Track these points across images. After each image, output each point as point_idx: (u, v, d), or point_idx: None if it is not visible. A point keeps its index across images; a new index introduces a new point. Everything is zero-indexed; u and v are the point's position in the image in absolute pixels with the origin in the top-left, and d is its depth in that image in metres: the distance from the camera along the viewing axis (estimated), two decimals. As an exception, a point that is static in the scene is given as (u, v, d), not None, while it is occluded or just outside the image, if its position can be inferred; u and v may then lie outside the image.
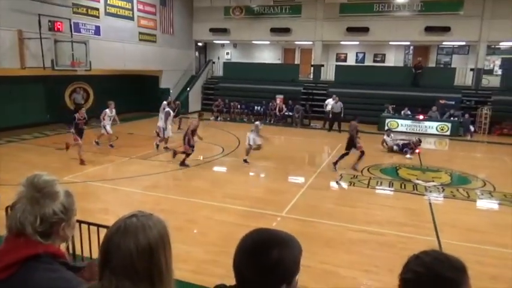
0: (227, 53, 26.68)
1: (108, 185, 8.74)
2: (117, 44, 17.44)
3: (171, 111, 12.75)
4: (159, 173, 9.78)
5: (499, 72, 19.75)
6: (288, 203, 7.72)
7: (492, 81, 19.37)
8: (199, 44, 24.95)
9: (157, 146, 12.06)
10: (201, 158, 11.33)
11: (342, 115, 16.77)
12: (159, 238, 1.16)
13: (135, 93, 20.10)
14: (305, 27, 21.57)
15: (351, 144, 10.31)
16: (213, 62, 25.09)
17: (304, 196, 8.27)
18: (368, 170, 10.44)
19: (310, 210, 7.45)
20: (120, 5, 17.79)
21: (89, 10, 16.08)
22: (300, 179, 9.72)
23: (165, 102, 13.32)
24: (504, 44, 20.21)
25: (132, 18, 18.61)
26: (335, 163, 10.32)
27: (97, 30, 16.44)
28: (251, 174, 10.31)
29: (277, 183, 9.39)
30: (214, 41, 24.91)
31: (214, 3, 21.82)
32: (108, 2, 17.02)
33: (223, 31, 23.05)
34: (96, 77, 17.32)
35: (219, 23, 23.05)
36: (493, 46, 20.19)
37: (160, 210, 1.20)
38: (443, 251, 4.70)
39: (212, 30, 23.17)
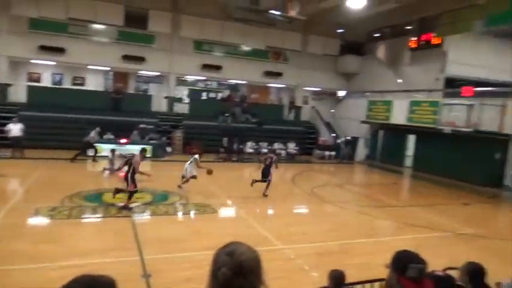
0: None
1: None
2: None
3: None
4: None
5: (187, 100, 23.13)
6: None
7: (182, 108, 22.43)
8: None
9: None
10: None
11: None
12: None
13: None
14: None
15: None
16: None
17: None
18: (70, 198, 9.68)
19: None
20: None
21: None
22: (-20, 221, 7.83)
23: None
24: (189, 77, 23.91)
25: None
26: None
27: None
28: None
29: None
30: None
31: None
32: None
33: None
34: None
35: None
36: (181, 78, 23.46)
37: None
38: (146, 267, 4.75)
39: None
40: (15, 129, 15.25)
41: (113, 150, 14.44)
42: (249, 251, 1.40)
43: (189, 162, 12.05)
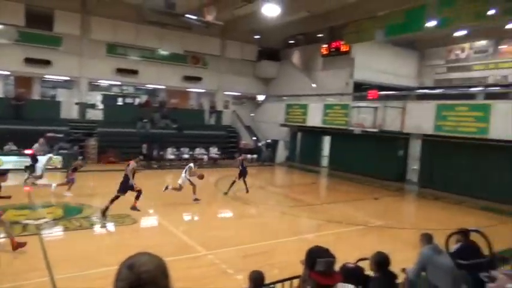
0: None
1: None
2: None
3: None
4: None
5: (101, 106, 21.76)
6: None
7: (96, 115, 21.04)
8: None
9: None
10: None
11: None
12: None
13: None
14: None
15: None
16: None
17: None
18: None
19: None
20: None
21: None
22: None
23: None
24: (102, 82, 22.57)
25: None
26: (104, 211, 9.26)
27: None
28: None
29: None
30: None
31: None
32: None
33: None
34: None
35: None
36: (93, 83, 22.05)
37: None
38: None
39: None
40: None
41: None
42: (150, 262, 1.33)
43: (184, 171, 11.66)
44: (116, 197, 9.55)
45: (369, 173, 17.49)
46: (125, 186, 9.79)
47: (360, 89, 19.62)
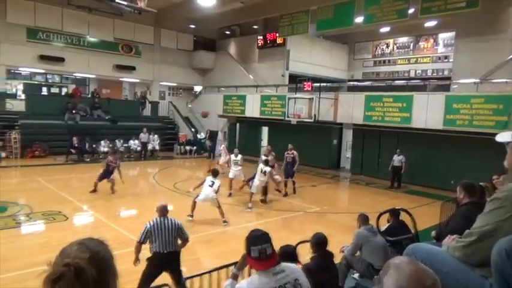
0: None
1: None
2: None
3: None
4: None
5: (23, 96, 20.01)
6: None
7: (17, 105, 19.30)
8: None
9: None
10: None
11: None
12: None
13: None
14: None
15: None
16: None
17: None
18: None
19: None
20: None
21: None
22: None
23: None
24: (24, 70, 20.73)
25: None
26: None
27: None
28: None
29: None
30: None
31: None
32: None
33: None
34: None
35: None
36: (13, 70, 20.15)
37: None
38: None
39: None
40: None
41: None
42: (81, 251, 1.25)
43: (261, 171, 10.69)
44: None
45: (307, 161, 18.18)
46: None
47: (296, 80, 20.25)
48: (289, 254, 3.82)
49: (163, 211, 5.23)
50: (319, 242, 4.48)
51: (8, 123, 17.66)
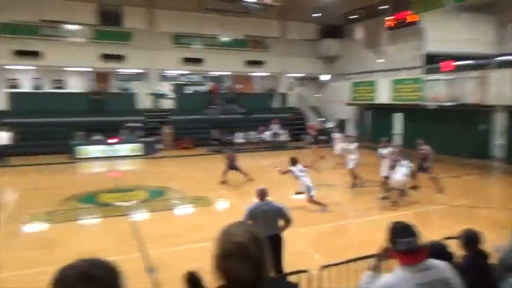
0: None
1: None
2: None
3: None
4: None
5: (172, 95, 22.87)
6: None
7: (168, 103, 22.19)
8: None
9: None
10: None
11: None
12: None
13: None
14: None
15: None
16: None
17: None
18: (64, 202, 9.56)
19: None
20: None
21: None
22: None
23: None
24: (170, 72, 23.65)
25: None
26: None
27: None
28: None
29: None
30: None
31: None
32: None
33: None
34: None
35: None
36: (162, 73, 23.17)
37: None
38: (149, 263, 4.74)
39: None
40: (3, 137, 14.99)
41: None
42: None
43: (404, 167, 9.58)
44: None
45: (446, 150, 16.45)
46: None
47: (433, 60, 18.36)
48: (439, 250, 3.54)
49: (262, 195, 5.25)
50: (470, 239, 4.03)
51: (161, 119, 20.45)
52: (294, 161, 9.04)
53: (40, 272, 5.70)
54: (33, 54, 18.82)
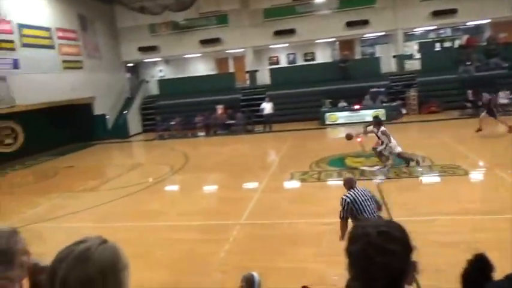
0: (160, 70, 26.24)
1: (50, 224, 8.13)
2: (40, 76, 16.40)
3: None
4: (108, 202, 9.29)
5: (418, 56, 21.33)
6: (245, 209, 7.68)
7: (413, 65, 20.88)
8: (130, 64, 24.27)
9: None
10: (150, 180, 11.02)
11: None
12: (108, 266, 1.08)
13: (68, 125, 18.90)
14: (234, 36, 21.85)
15: None
16: (147, 81, 24.50)
17: (259, 201, 8.29)
18: (316, 164, 10.73)
19: (267, 213, 7.48)
20: (37, 34, 16.77)
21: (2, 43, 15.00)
22: (253, 184, 9.74)
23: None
24: (418, 30, 21.92)
25: (52, 47, 17.63)
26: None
27: (15, 64, 15.36)
28: (204, 187, 10.16)
29: (231, 192, 9.35)
30: (145, 60, 24.38)
31: (138, 22, 21.34)
32: (23, 32, 15.97)
33: (152, 49, 22.68)
34: (22, 114, 16.06)
35: (147, 41, 22.65)
36: (408, 33, 21.78)
37: (117, 240, 1.15)
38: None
39: (141, 49, 22.71)
40: (267, 107, 18.08)
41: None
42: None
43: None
44: None
45: None
46: None
47: None
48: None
49: (352, 183, 5.08)
50: None
51: (406, 82, 19.50)
52: None
53: (298, 223, 6.79)
54: (290, 32, 21.32)
